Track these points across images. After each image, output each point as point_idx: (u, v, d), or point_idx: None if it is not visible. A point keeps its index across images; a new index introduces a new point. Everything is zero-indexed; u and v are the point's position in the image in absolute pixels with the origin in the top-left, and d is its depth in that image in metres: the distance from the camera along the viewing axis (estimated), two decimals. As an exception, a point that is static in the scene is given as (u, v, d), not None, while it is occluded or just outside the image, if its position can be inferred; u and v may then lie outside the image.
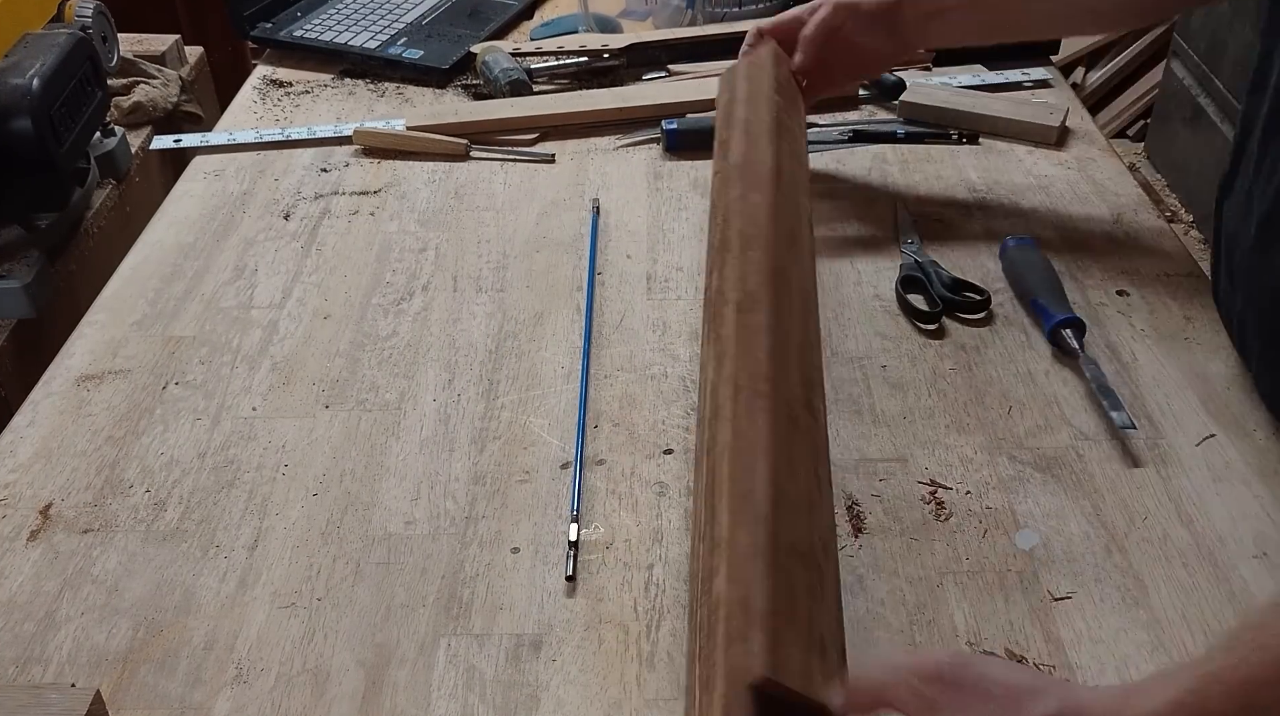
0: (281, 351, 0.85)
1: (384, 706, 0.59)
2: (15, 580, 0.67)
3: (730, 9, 1.30)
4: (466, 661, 0.61)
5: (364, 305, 0.89)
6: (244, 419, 0.79)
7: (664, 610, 0.63)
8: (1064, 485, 0.70)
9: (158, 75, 1.34)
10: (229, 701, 0.60)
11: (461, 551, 0.68)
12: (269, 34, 1.34)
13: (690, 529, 0.67)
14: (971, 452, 0.72)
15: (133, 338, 0.87)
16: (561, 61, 1.23)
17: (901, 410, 0.76)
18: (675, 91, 1.15)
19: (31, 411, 0.80)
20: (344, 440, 0.76)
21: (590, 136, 1.11)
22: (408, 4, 1.40)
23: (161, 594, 0.66)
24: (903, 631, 0.61)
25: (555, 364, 0.82)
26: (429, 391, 0.80)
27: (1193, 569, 0.64)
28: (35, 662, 0.62)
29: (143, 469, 0.75)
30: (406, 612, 0.64)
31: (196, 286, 0.92)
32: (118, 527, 0.71)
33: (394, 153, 1.10)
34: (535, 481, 0.72)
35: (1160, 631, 0.61)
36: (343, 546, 0.69)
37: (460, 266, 0.93)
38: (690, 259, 0.92)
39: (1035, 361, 0.79)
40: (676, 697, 0.59)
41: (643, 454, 0.74)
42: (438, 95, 1.23)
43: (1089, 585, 0.63)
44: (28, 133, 0.97)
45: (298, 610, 0.65)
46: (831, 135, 1.04)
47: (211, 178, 1.08)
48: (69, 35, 1.07)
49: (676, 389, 0.79)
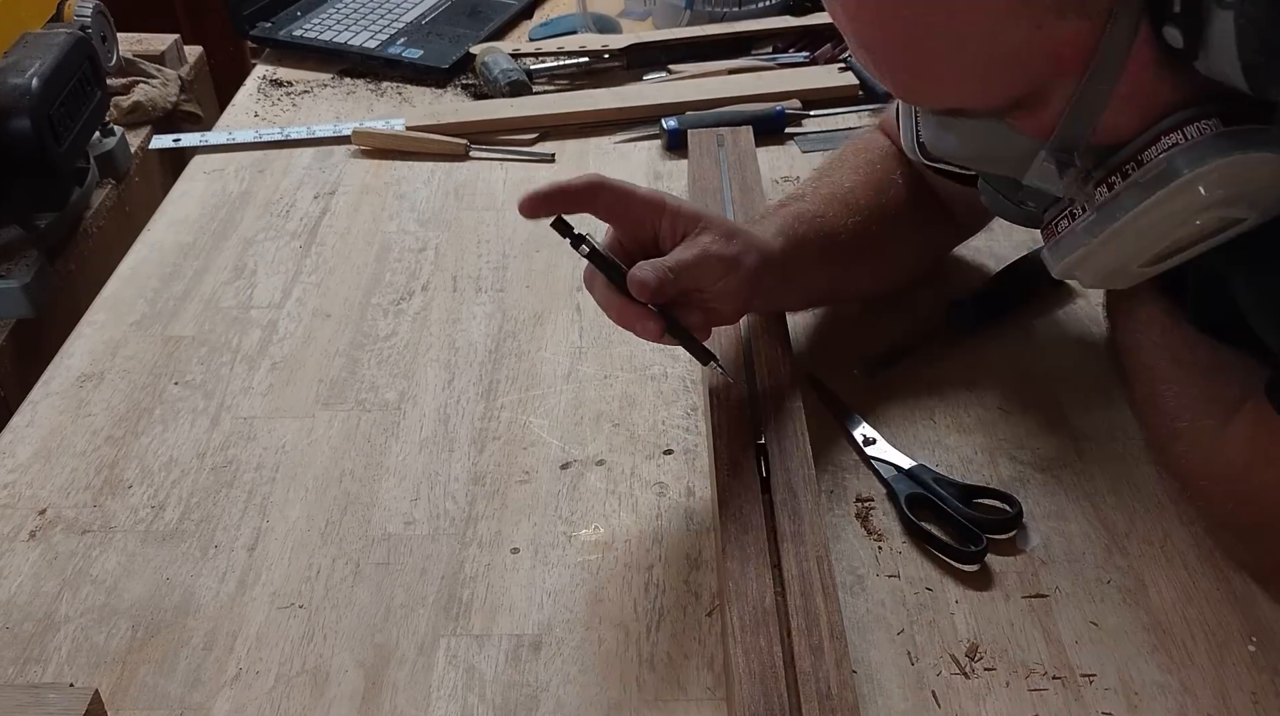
0: (281, 351, 0.85)
1: (383, 707, 0.59)
2: (14, 580, 0.67)
3: (730, 9, 1.30)
4: (466, 662, 0.61)
5: (363, 305, 0.89)
6: (243, 419, 0.78)
7: (664, 610, 0.63)
8: (1064, 485, 0.70)
9: (157, 75, 1.33)
10: (228, 701, 0.60)
11: (461, 552, 0.68)
12: (268, 33, 1.34)
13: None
14: (972, 452, 0.72)
15: (132, 337, 0.87)
16: (561, 62, 1.23)
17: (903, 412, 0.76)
18: (675, 91, 1.15)
19: (31, 411, 0.80)
20: (343, 440, 0.76)
21: (590, 136, 1.11)
22: (407, 4, 1.40)
23: (161, 594, 0.66)
24: (903, 631, 0.61)
25: (555, 364, 0.82)
26: (429, 391, 0.80)
27: (1193, 569, 0.64)
28: (34, 662, 0.62)
29: (142, 469, 0.75)
30: (406, 613, 0.64)
31: (196, 286, 0.92)
32: (117, 528, 0.70)
33: (393, 152, 1.10)
34: (535, 481, 0.72)
35: (1160, 631, 0.61)
36: (342, 546, 0.68)
37: (460, 266, 0.93)
38: (690, 259, 0.92)
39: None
40: (677, 698, 0.59)
41: (643, 454, 0.74)
42: (437, 95, 1.23)
43: (1089, 585, 0.63)
44: (27, 132, 0.97)
45: (297, 610, 0.65)
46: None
47: (211, 177, 1.08)
48: (68, 35, 1.06)
49: (676, 389, 0.79)
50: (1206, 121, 0.53)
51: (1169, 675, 0.58)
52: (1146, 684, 0.58)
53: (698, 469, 0.72)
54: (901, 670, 0.59)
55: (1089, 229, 0.58)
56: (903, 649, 0.60)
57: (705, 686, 0.59)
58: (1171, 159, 0.53)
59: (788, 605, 0.57)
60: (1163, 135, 0.54)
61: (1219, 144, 0.52)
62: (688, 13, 1.30)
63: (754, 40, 1.26)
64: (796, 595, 0.57)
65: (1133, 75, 0.52)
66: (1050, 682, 0.58)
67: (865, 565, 0.65)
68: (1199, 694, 0.57)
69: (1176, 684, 0.58)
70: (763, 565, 0.59)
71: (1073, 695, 0.58)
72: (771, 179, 1.01)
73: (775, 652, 0.55)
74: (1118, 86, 0.53)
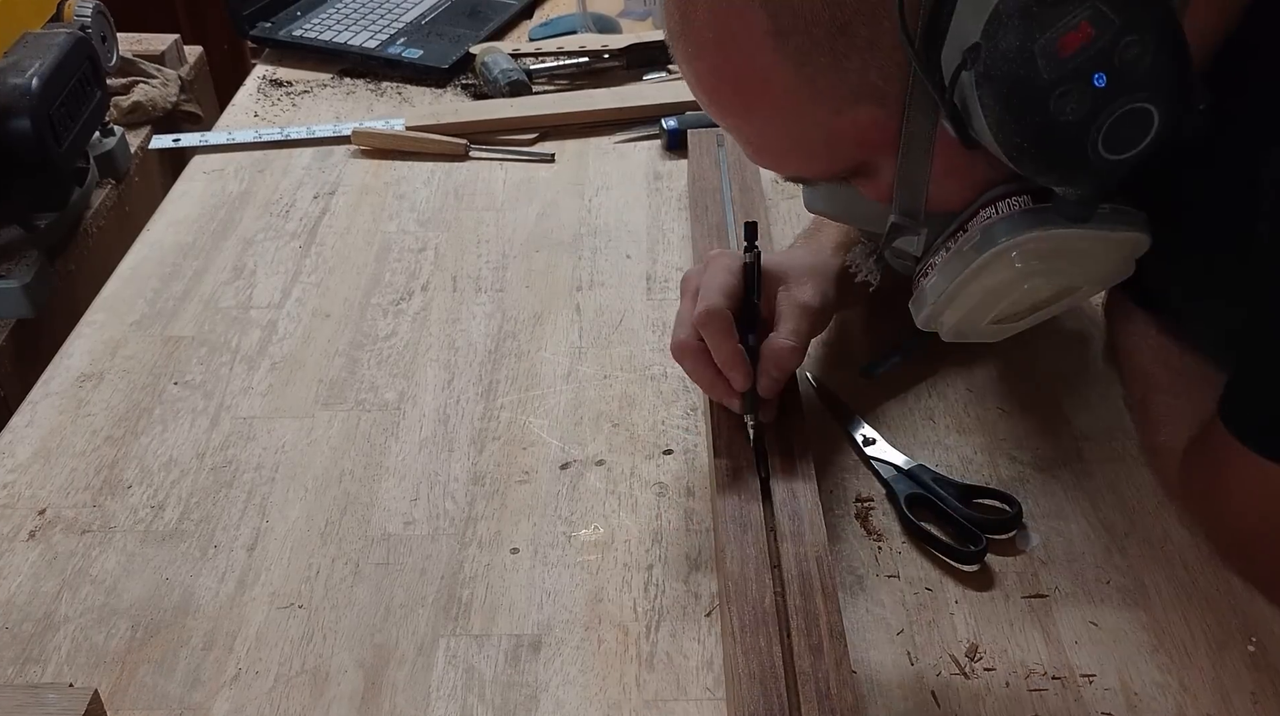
0: (281, 351, 0.85)
1: (383, 707, 0.59)
2: (14, 580, 0.67)
3: (730, 9, 1.29)
4: (466, 662, 0.61)
5: (363, 305, 0.89)
6: (243, 419, 0.78)
7: (663, 610, 0.63)
8: (1064, 485, 0.70)
9: (157, 75, 1.33)
10: (228, 702, 0.60)
11: (461, 552, 0.68)
12: (268, 33, 1.34)
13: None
14: (971, 452, 0.72)
15: (132, 337, 0.87)
16: (561, 62, 1.23)
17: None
18: (675, 91, 1.15)
19: (30, 411, 0.80)
20: (343, 440, 0.76)
21: (590, 136, 1.11)
22: (407, 3, 1.40)
23: (160, 594, 0.66)
24: (903, 631, 0.61)
25: (554, 364, 0.82)
26: (428, 391, 0.80)
27: (1193, 569, 0.64)
28: (34, 662, 0.62)
29: (141, 469, 0.75)
30: (405, 613, 0.64)
31: (195, 286, 0.92)
32: (116, 528, 0.70)
33: (393, 152, 1.10)
34: (535, 481, 0.72)
35: (1160, 631, 0.61)
36: (342, 547, 0.68)
37: (460, 266, 0.93)
38: (690, 259, 0.92)
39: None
40: (676, 698, 0.59)
41: (643, 454, 0.74)
42: (437, 95, 1.23)
43: (1089, 585, 0.63)
44: (27, 132, 0.97)
45: (297, 610, 0.65)
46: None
47: (211, 177, 1.08)
48: (68, 35, 1.06)
49: (676, 389, 0.79)
50: (1017, 199, 0.55)
51: (1169, 675, 0.58)
52: (1146, 684, 0.58)
53: (697, 469, 0.72)
54: (901, 670, 0.59)
55: (933, 288, 0.60)
56: (902, 649, 0.60)
57: (705, 686, 0.59)
58: (985, 230, 0.56)
59: (787, 605, 0.57)
60: (981, 209, 0.56)
61: (1024, 218, 0.55)
62: (688, 13, 1.29)
63: (754, 40, 1.26)
64: (796, 595, 0.57)
65: (944, 156, 0.54)
66: (1050, 683, 0.58)
67: (865, 565, 0.65)
68: (1199, 694, 0.57)
69: (1176, 684, 0.58)
70: (763, 565, 0.59)
71: (1072, 695, 0.58)
72: (771, 178, 1.01)
73: (775, 652, 0.55)
74: (933, 165, 0.55)
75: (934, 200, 0.57)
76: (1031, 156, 0.49)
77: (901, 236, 0.60)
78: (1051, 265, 0.56)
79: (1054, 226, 0.54)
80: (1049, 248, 0.55)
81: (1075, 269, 0.56)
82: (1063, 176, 0.51)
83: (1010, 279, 0.56)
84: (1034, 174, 0.51)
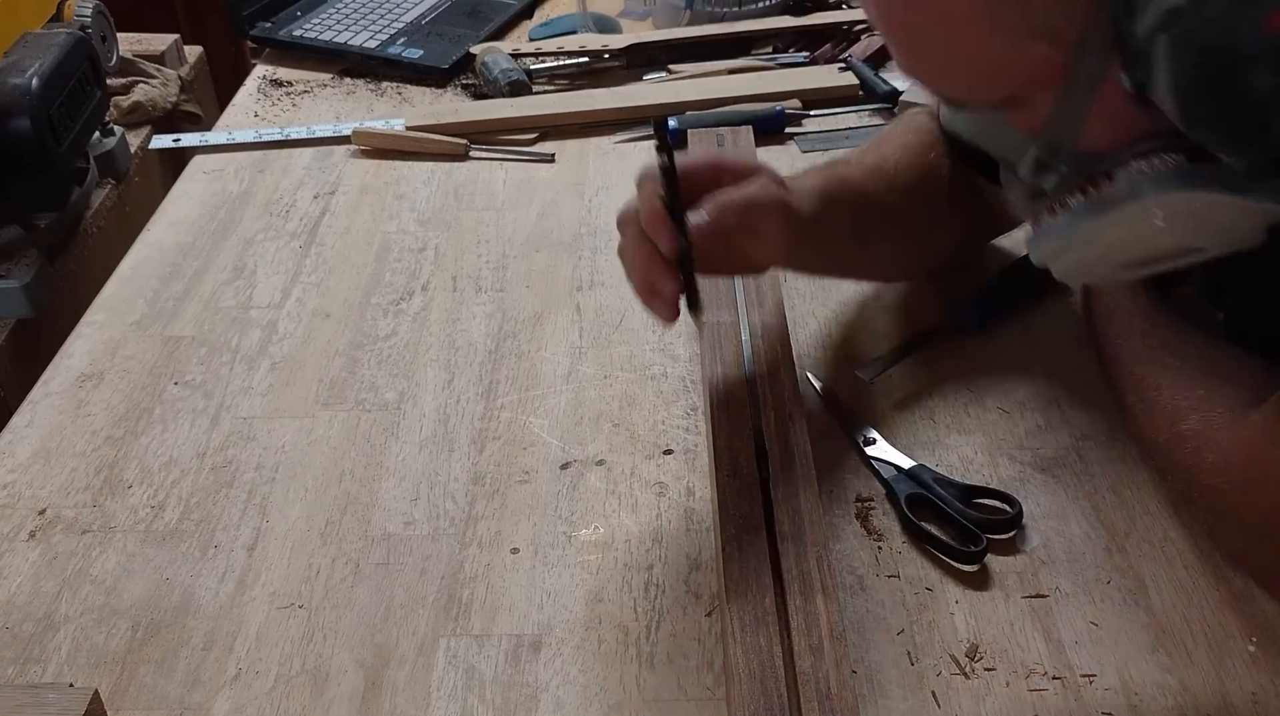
0: (281, 351, 0.85)
1: (383, 707, 0.59)
2: (14, 580, 0.67)
3: (730, 9, 1.30)
4: (466, 662, 0.61)
5: (363, 305, 0.89)
6: (243, 419, 0.78)
7: (664, 611, 0.63)
8: (1064, 485, 0.70)
9: (157, 75, 1.33)
10: (228, 702, 0.60)
11: (461, 552, 0.68)
12: (268, 33, 1.34)
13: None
14: (972, 452, 0.72)
15: (132, 337, 0.87)
16: (561, 62, 1.23)
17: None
18: (675, 91, 1.15)
19: (30, 411, 0.80)
20: (343, 440, 0.76)
21: (590, 136, 1.11)
22: (407, 3, 1.40)
23: (160, 594, 0.66)
24: (903, 631, 0.61)
25: (555, 364, 0.82)
26: (428, 391, 0.80)
27: (1193, 569, 0.64)
28: (34, 662, 0.62)
29: (142, 469, 0.75)
30: (406, 613, 0.64)
31: (195, 286, 0.92)
32: (116, 528, 0.70)
33: (393, 152, 1.10)
34: (535, 481, 0.72)
35: (1160, 631, 0.61)
36: (342, 547, 0.68)
37: (460, 266, 0.93)
38: (690, 259, 0.92)
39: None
40: (676, 698, 0.59)
41: (643, 454, 0.74)
42: (437, 95, 1.23)
43: (1089, 585, 0.63)
44: (27, 132, 0.97)
45: (297, 610, 0.65)
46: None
47: (211, 177, 1.08)
48: (68, 34, 1.06)
49: (676, 389, 0.79)
50: (1173, 155, 0.55)
51: (1169, 675, 0.58)
52: (1146, 684, 0.58)
53: (698, 469, 0.72)
54: (901, 670, 0.59)
55: (1062, 228, 0.60)
56: (903, 649, 0.60)
57: (705, 686, 0.59)
58: (1133, 183, 0.56)
59: (788, 605, 0.57)
60: (1132, 159, 0.56)
61: (1178, 177, 0.55)
62: (688, 13, 1.29)
63: (754, 40, 1.26)
64: (796, 595, 0.57)
65: (1106, 100, 0.54)
66: (1050, 683, 0.58)
67: (865, 565, 0.65)
68: (1199, 694, 0.57)
69: (1176, 684, 0.58)
70: (763, 565, 0.59)
71: (1072, 695, 0.58)
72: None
73: (775, 652, 0.55)
74: (1091, 108, 0.55)
75: (1085, 139, 0.57)
76: (1210, 124, 0.49)
77: (1033, 173, 0.60)
78: (1192, 226, 0.55)
79: (1209, 190, 0.54)
80: (1197, 209, 0.55)
81: (1215, 233, 0.56)
82: (1236, 148, 0.51)
83: (1147, 233, 0.56)
84: (1206, 140, 0.51)
